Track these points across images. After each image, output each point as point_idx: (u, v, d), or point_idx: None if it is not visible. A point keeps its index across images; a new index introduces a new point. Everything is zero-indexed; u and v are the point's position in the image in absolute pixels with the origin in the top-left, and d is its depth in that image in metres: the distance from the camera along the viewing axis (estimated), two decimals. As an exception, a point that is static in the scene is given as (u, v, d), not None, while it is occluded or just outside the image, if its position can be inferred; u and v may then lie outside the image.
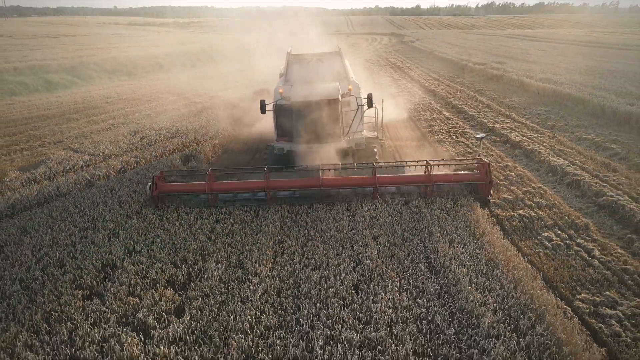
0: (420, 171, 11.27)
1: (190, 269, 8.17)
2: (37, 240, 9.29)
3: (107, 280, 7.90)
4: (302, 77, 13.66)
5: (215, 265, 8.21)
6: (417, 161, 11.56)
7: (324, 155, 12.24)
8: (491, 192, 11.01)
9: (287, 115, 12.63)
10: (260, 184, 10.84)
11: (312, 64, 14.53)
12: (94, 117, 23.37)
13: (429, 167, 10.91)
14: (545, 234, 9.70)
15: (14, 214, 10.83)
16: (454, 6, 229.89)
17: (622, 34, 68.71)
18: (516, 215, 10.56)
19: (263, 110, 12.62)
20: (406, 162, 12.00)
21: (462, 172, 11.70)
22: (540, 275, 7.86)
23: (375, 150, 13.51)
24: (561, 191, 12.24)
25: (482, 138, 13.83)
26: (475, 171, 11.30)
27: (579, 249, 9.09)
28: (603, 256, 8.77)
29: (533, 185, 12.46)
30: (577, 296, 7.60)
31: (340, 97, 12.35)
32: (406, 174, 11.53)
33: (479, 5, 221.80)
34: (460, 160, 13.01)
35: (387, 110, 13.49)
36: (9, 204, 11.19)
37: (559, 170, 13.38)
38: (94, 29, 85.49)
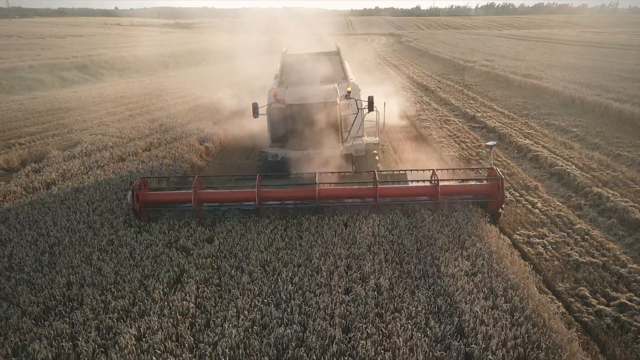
0: (425, 181, 10.44)
1: (215, 216, 10.38)
2: (89, 196, 11.49)
3: (151, 222, 10.11)
4: (298, 78, 12.90)
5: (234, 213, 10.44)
6: (423, 169, 10.69)
7: (321, 163, 11.61)
8: (502, 206, 10.11)
9: (281, 120, 11.93)
10: (252, 193, 10.10)
11: (308, 64, 13.61)
12: (111, 110, 25.49)
13: (436, 177, 10.05)
14: (502, 193, 11.90)
15: (65, 180, 13.03)
16: (454, 7, 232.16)
17: (612, 33, 70.93)
18: (480, 180, 12.73)
19: (256, 114, 11.83)
20: (410, 170, 11.12)
21: (471, 183, 10.79)
22: (488, 216, 10.07)
23: (377, 159, 12.53)
24: (522, 164, 14.45)
25: (492, 146, 12.25)
26: (485, 182, 10.44)
27: (526, 202, 11.31)
28: (544, 207, 10.98)
29: (499, 159, 14.67)
30: (517, 232, 9.82)
31: (338, 100, 11.67)
32: (411, 185, 10.72)
33: (479, 6, 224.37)
34: (469, 170, 12.72)
35: (381, 102, 13.51)
36: (59, 173, 13.41)
37: (524, 148, 15.59)
38: (98, 30, 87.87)
